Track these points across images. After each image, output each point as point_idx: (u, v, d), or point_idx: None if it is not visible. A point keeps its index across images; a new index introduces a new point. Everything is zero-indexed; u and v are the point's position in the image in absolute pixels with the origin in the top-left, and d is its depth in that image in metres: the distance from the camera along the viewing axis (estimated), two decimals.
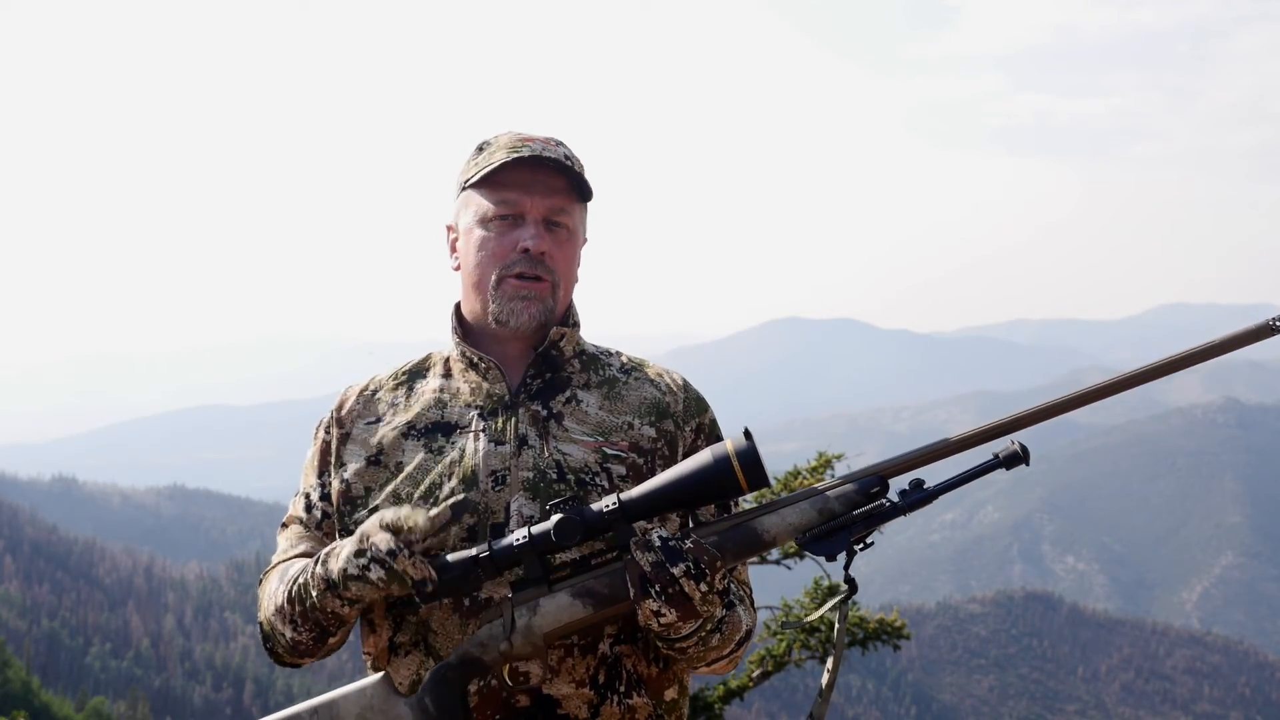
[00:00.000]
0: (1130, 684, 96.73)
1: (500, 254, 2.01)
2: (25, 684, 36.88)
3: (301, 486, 2.11)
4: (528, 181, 2.00)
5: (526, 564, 1.79)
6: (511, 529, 1.91)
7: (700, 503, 1.78)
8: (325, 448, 2.09)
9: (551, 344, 2.06)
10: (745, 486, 1.76)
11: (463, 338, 2.09)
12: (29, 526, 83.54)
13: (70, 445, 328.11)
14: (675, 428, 2.05)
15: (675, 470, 1.78)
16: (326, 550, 1.88)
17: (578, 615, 1.78)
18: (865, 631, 9.33)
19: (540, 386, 2.04)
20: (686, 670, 2.04)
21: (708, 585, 1.74)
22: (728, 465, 1.75)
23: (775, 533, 1.80)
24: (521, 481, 1.95)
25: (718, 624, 1.85)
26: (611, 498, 1.79)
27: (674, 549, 1.73)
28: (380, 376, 2.16)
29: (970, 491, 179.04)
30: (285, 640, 1.94)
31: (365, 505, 1.99)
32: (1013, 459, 1.77)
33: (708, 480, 1.76)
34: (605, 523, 1.77)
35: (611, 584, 1.78)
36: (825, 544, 1.79)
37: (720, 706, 9.56)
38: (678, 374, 2.15)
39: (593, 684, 1.90)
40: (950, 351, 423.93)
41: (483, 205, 2.03)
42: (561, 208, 2.03)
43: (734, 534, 1.79)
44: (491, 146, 2.06)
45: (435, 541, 1.87)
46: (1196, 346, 1.78)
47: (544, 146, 2.02)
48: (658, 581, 1.72)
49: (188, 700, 63.12)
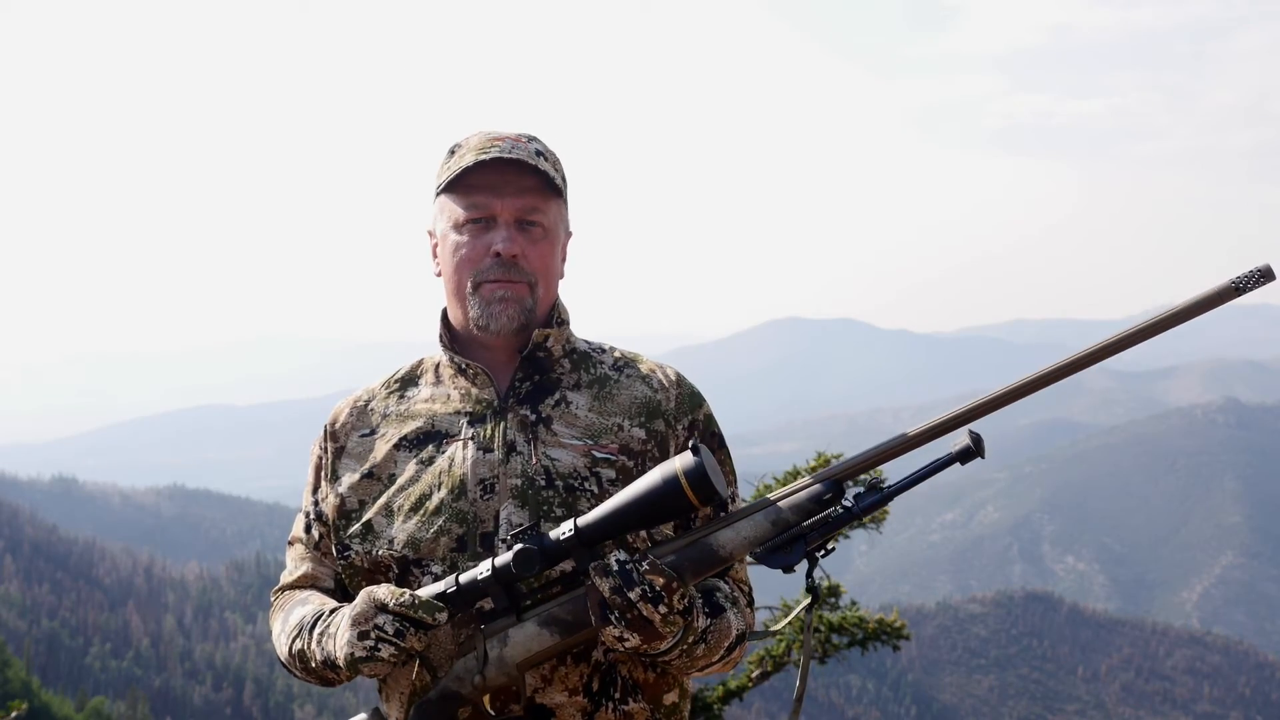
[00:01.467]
0: (1130, 684, 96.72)
1: (473, 259, 1.98)
2: (25, 684, 36.91)
3: (302, 504, 2.12)
4: (497, 183, 1.97)
5: (493, 596, 1.79)
6: (501, 537, 1.91)
7: (657, 522, 1.75)
8: (319, 465, 2.09)
9: (536, 345, 2.02)
10: (696, 503, 1.72)
11: (450, 344, 2.06)
12: (29, 526, 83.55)
13: (70, 445, 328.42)
14: (666, 427, 2.02)
15: (628, 491, 1.75)
16: (320, 626, 1.91)
17: (546, 644, 1.78)
18: (865, 631, 9.31)
19: (529, 390, 2.02)
20: (683, 674, 2.02)
21: (666, 607, 1.71)
22: (676, 484, 1.72)
23: (731, 548, 1.77)
24: (510, 489, 1.93)
25: (700, 635, 1.82)
26: (568, 524, 1.76)
27: (630, 574, 1.70)
28: (373, 386, 2.14)
29: (970, 491, 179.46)
30: (297, 676, 2.01)
31: (359, 519, 1.99)
32: (966, 454, 1.72)
33: (659, 500, 1.73)
34: (563, 550, 1.76)
35: (575, 611, 1.77)
36: (782, 555, 1.76)
37: (720, 707, 9.56)
38: (671, 369, 2.10)
39: (586, 692, 1.89)
40: (950, 351, 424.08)
41: (455, 210, 2.00)
42: (534, 206, 1.98)
43: (690, 552, 1.77)
44: (462, 149, 2.02)
45: (426, 551, 1.93)
46: (1161, 314, 1.71)
47: (513, 145, 1.98)
48: (616, 608, 1.70)
49: (188, 700, 63.10)
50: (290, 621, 1.99)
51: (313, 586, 2.07)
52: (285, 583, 2.11)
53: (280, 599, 2.10)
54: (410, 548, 1.93)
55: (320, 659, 1.88)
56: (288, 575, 2.11)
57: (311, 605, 1.98)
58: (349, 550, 1.99)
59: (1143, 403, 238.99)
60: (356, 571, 1.98)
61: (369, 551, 1.96)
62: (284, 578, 2.12)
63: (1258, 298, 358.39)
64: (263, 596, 74.48)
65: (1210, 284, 1.67)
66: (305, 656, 1.93)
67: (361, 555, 1.97)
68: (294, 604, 2.03)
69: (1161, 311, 1.72)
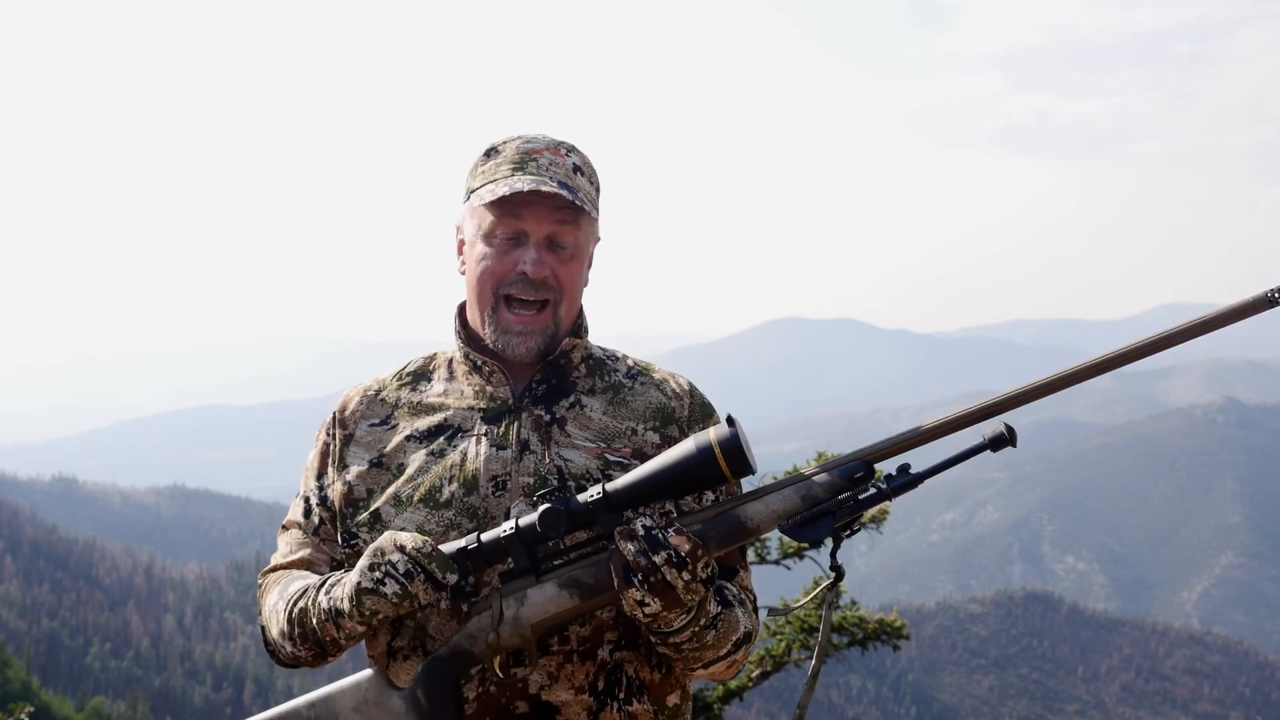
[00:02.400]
0: (1130, 684, 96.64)
1: (500, 273, 1.97)
2: (25, 684, 36.89)
3: (301, 490, 2.10)
4: (532, 199, 1.95)
5: (514, 556, 1.79)
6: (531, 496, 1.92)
7: (685, 492, 1.77)
8: (325, 450, 2.08)
9: (562, 354, 2.04)
10: (729, 475, 1.74)
11: (466, 340, 2.06)
12: (29, 526, 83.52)
13: (70, 445, 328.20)
14: (680, 434, 2.02)
15: (659, 460, 1.77)
16: (330, 580, 1.88)
17: (565, 605, 1.78)
18: (865, 631, 9.29)
19: (545, 391, 2.02)
20: (688, 675, 2.03)
21: (690, 573, 1.72)
22: (710, 454, 1.74)
23: (759, 520, 1.78)
24: (522, 487, 1.93)
25: (712, 620, 1.82)
26: (596, 488, 1.78)
27: (656, 538, 1.72)
28: (383, 377, 2.13)
29: (970, 491, 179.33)
30: (285, 652, 1.95)
31: (367, 508, 1.98)
32: (998, 441, 1.74)
33: (691, 469, 1.74)
34: (590, 513, 1.77)
35: (597, 574, 1.77)
36: (809, 530, 1.78)
37: (720, 707, 9.55)
38: (684, 378, 2.12)
39: (592, 690, 1.89)
40: (950, 351, 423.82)
41: (486, 219, 1.98)
42: (565, 227, 1.98)
43: (718, 522, 1.79)
44: (499, 156, 2.01)
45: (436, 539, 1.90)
46: (1192, 320, 1.71)
47: (551, 161, 1.98)
48: (640, 570, 1.71)
49: (188, 700, 63.08)
50: (291, 589, 1.95)
51: (309, 570, 2.03)
52: (279, 563, 2.06)
53: (273, 576, 2.05)
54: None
55: (325, 608, 1.84)
56: (281, 557, 2.07)
57: (316, 577, 1.96)
58: (355, 539, 1.98)
59: (1143, 403, 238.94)
60: None
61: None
62: (275, 559, 2.08)
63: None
64: None
65: (1246, 293, 1.66)
66: (306, 614, 1.88)
67: (368, 544, 1.94)
68: (293, 578, 2.00)
69: (1196, 318, 1.71)
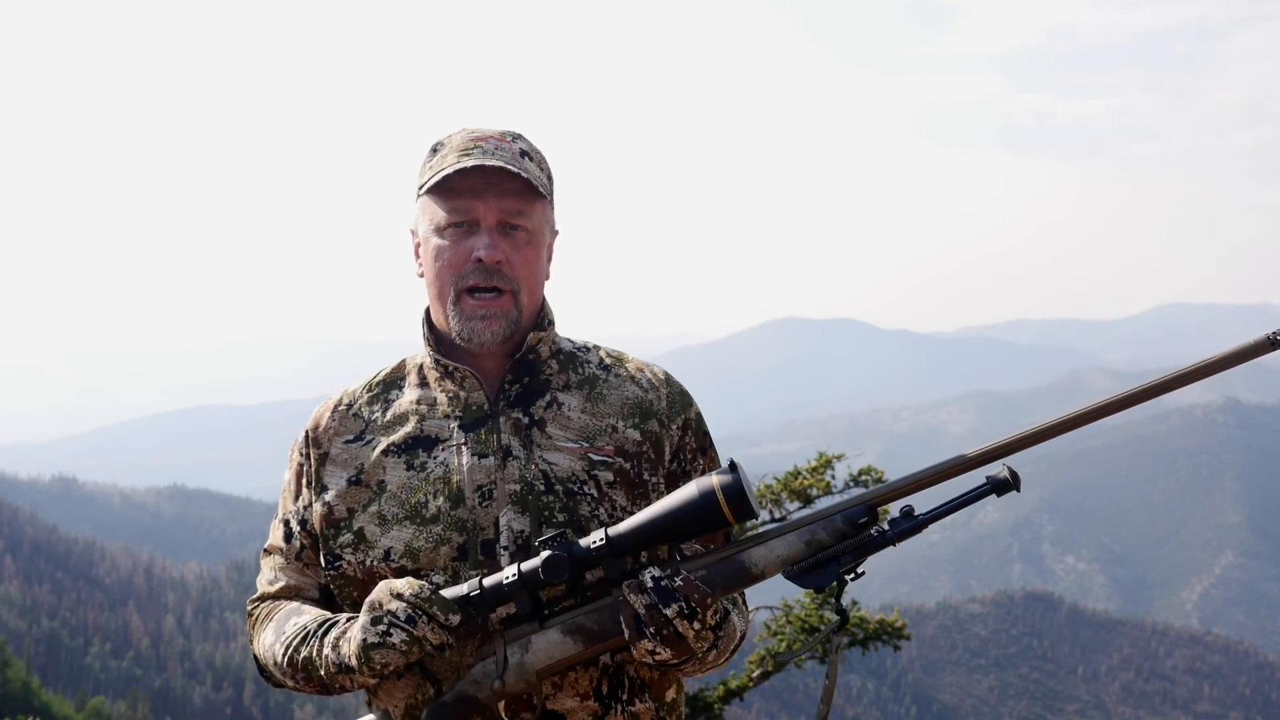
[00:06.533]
0: (1130, 684, 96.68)
1: (455, 264, 1.91)
2: (25, 684, 36.89)
3: (280, 512, 2.03)
4: (479, 186, 1.89)
5: (517, 601, 1.76)
6: (502, 544, 1.86)
7: (688, 536, 1.75)
8: (300, 471, 2.02)
9: (529, 349, 1.97)
10: (732, 519, 1.73)
11: (435, 345, 1.99)
12: (29, 526, 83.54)
13: (70, 445, 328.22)
14: (660, 427, 1.99)
15: (662, 504, 1.75)
16: (333, 631, 1.84)
17: (569, 652, 1.77)
18: (865, 631, 9.29)
19: (519, 392, 1.96)
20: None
21: (700, 623, 1.72)
22: (713, 499, 1.72)
23: (763, 566, 1.78)
24: (509, 495, 1.88)
25: (714, 641, 1.83)
26: (599, 533, 1.75)
27: (666, 589, 1.71)
28: (353, 389, 2.06)
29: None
30: (288, 686, 1.94)
31: (350, 528, 1.92)
32: (1002, 485, 1.74)
33: (694, 513, 1.73)
34: (593, 559, 1.74)
35: (602, 620, 1.76)
36: (814, 576, 1.77)
37: (720, 706, 9.56)
38: (659, 368, 2.07)
39: (596, 695, 1.88)
40: (950, 351, 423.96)
41: (436, 213, 1.92)
42: (517, 210, 1.91)
43: (722, 568, 1.78)
44: (444, 149, 1.95)
45: (426, 561, 1.86)
46: (1194, 364, 1.76)
47: (496, 146, 1.91)
48: (652, 624, 1.70)
49: (188, 700, 63.09)
50: (287, 630, 1.91)
51: (296, 598, 1.99)
52: (267, 592, 2.02)
53: (263, 608, 2.01)
54: (409, 557, 1.87)
55: (334, 662, 1.81)
56: (268, 585, 2.02)
57: (310, 614, 1.91)
58: (340, 560, 1.92)
59: (1143, 403, 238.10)
60: (349, 582, 1.91)
61: (362, 561, 1.89)
62: (263, 586, 2.03)
63: (1258, 298, 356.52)
64: None
65: (1246, 337, 1.72)
66: (311, 664, 1.85)
67: (354, 565, 1.90)
68: (285, 612, 1.95)
69: (1198, 361, 1.76)
